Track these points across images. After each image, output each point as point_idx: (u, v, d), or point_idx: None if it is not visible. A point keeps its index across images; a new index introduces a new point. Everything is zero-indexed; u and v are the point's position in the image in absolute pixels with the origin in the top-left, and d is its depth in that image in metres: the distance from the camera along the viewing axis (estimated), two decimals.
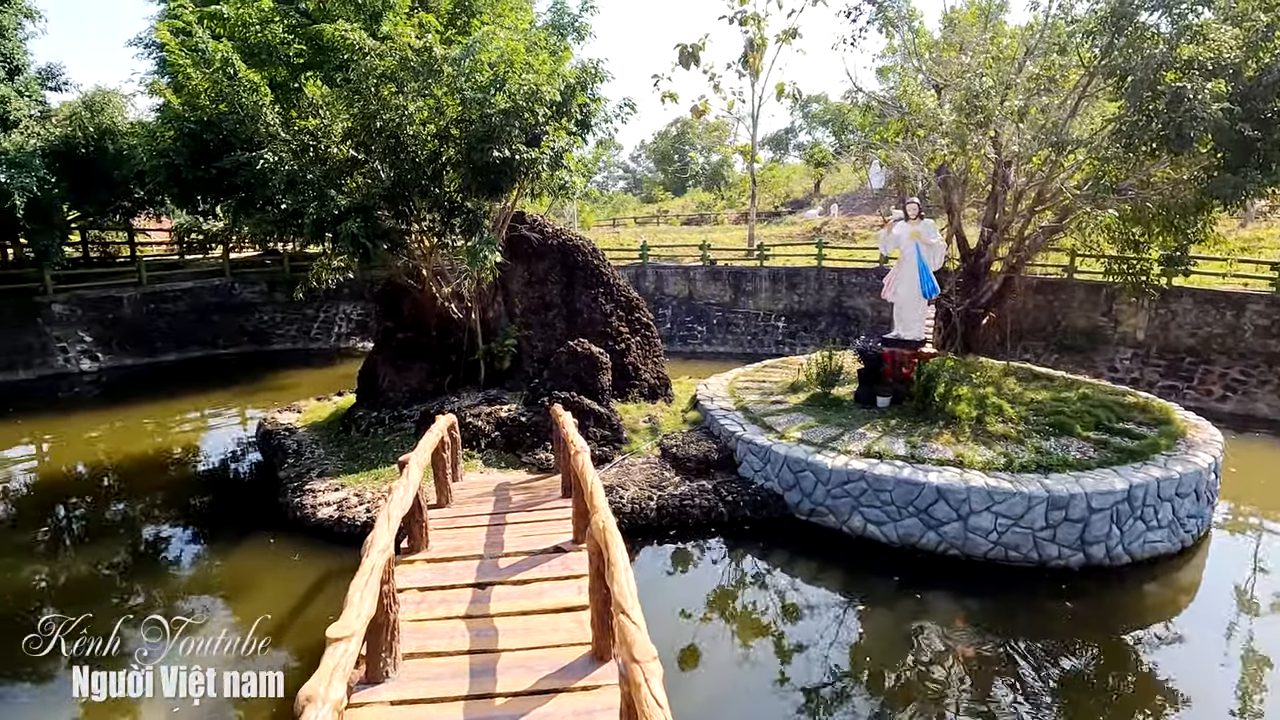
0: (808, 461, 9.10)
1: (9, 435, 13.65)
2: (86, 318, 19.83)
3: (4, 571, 8.07)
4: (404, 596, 5.00)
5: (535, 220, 12.25)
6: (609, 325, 12.33)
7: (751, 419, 10.84)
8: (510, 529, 6.41)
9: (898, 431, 9.80)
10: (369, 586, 3.61)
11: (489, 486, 8.35)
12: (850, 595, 7.58)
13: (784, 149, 66.09)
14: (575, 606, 4.90)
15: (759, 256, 23.17)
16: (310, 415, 13.25)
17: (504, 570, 5.47)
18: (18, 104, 16.89)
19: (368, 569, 3.73)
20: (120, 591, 7.73)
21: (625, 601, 3.41)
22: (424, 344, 12.12)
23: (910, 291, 11.01)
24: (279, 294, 23.58)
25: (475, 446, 10.45)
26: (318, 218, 8.43)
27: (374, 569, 3.75)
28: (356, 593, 3.51)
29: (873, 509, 8.59)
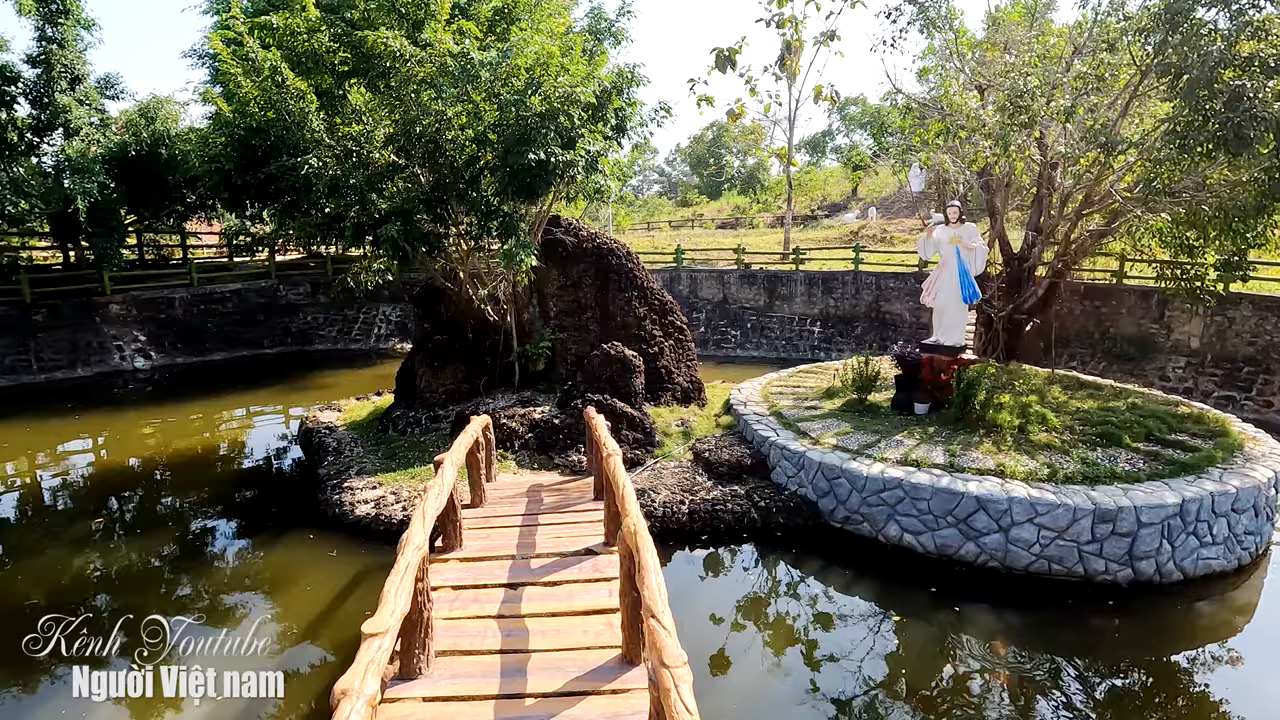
0: (842, 468, 8.97)
1: (69, 430, 14.27)
2: (141, 317, 20.63)
3: (58, 560, 8.42)
4: (438, 594, 5.07)
5: (570, 224, 12.34)
6: (642, 328, 12.34)
7: (785, 424, 10.73)
8: (542, 530, 6.45)
9: (936, 439, 9.59)
10: (404, 584, 3.67)
11: (522, 487, 8.42)
12: (885, 606, 7.43)
13: (821, 152, 65.43)
14: (606, 609, 4.91)
15: (795, 260, 22.95)
16: (350, 414, 13.55)
17: (536, 571, 5.51)
18: (79, 112, 17.69)
19: (403, 566, 3.79)
20: (164, 583, 8.01)
21: (655, 605, 3.40)
22: (460, 346, 12.30)
23: (950, 296, 10.79)
24: (322, 296, 24.23)
25: (509, 448, 10.56)
26: (359, 221, 8.63)
27: (409, 566, 3.81)
28: (392, 589, 3.57)
29: (909, 518, 8.42)
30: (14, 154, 17.32)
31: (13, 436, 13.71)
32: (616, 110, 9.48)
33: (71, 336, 19.19)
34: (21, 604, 7.35)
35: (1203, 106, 7.87)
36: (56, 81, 17.44)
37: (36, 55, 17.52)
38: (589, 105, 8.85)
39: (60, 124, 17.64)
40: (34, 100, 17.71)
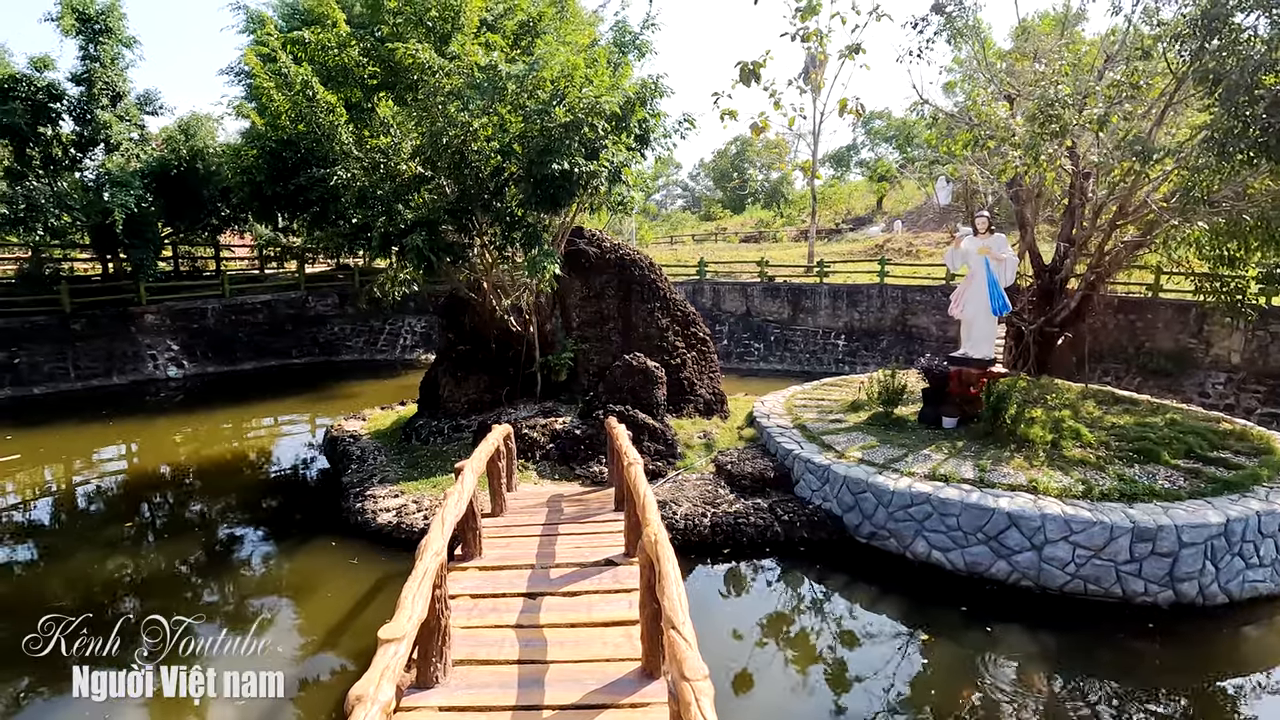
0: (868, 482, 8.79)
1: (104, 436, 14.59)
2: (174, 327, 21.12)
3: (87, 564, 8.56)
4: (456, 603, 5.03)
5: (593, 235, 12.38)
6: (665, 340, 12.29)
7: (810, 437, 10.57)
8: (562, 540, 6.39)
9: (965, 454, 9.37)
10: (421, 590, 3.63)
11: (542, 497, 8.38)
12: (913, 624, 7.22)
13: (845, 166, 65.12)
14: (625, 621, 4.82)
15: (819, 273, 22.78)
16: (374, 423, 13.66)
17: (555, 581, 5.44)
18: (119, 128, 18.27)
19: (420, 572, 3.76)
20: (185, 587, 8.09)
21: (676, 616, 3.32)
22: (483, 356, 12.36)
23: (979, 308, 10.58)
24: (349, 307, 24.64)
25: (530, 458, 10.54)
26: (385, 231, 8.74)
27: (426, 573, 3.77)
28: (409, 595, 3.53)
29: (938, 534, 8.20)
30: (58, 169, 17.92)
31: (50, 442, 14.05)
32: (640, 121, 9.51)
33: (108, 345, 19.69)
34: (48, 604, 7.46)
35: (1242, 113, 7.64)
36: (98, 98, 18.06)
37: (80, 74, 18.17)
38: (613, 116, 8.88)
39: (101, 139, 18.23)
40: (77, 117, 18.35)
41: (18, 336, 18.32)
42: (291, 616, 7.34)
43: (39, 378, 18.26)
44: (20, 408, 16.66)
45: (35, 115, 16.89)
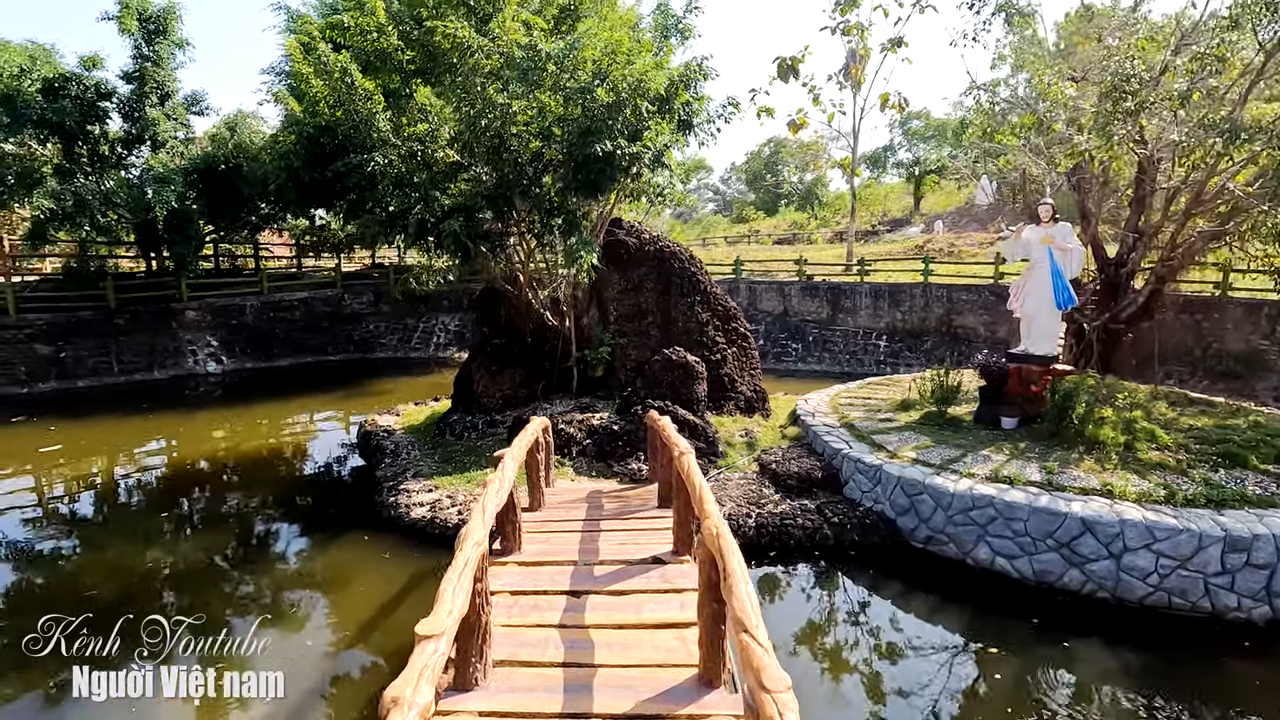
0: (925, 484, 8.27)
1: (143, 429, 14.70)
2: (214, 323, 21.37)
3: (119, 554, 8.47)
4: (495, 600, 4.70)
5: (632, 226, 12.05)
6: (705, 334, 11.89)
7: (859, 436, 10.06)
8: (605, 536, 6.03)
9: (1029, 455, 8.79)
10: (462, 582, 3.30)
11: (580, 493, 8.04)
12: (979, 638, 6.68)
13: (881, 167, 63.87)
14: (678, 623, 4.43)
15: (860, 271, 22.14)
16: (408, 418, 13.50)
17: (599, 579, 5.08)
18: (165, 126, 18.54)
19: (461, 563, 3.43)
20: (216, 580, 7.92)
21: (747, 619, 2.93)
22: (518, 350, 12.10)
23: (1041, 302, 9.97)
24: (384, 305, 24.73)
25: (566, 454, 10.23)
26: (422, 218, 8.52)
27: (468, 563, 3.44)
28: (449, 588, 3.20)
29: (1003, 540, 7.65)
30: (105, 166, 18.24)
31: (91, 434, 14.19)
32: (683, 105, 9.14)
33: (150, 341, 19.99)
34: (81, 596, 7.36)
35: None
36: (148, 96, 18.34)
37: (132, 72, 18.48)
38: (656, 98, 8.53)
39: (148, 137, 18.51)
40: (126, 115, 18.67)
41: (64, 331, 18.67)
42: (322, 612, 7.10)
43: (84, 371, 18.58)
44: (65, 400, 16.94)
45: (84, 113, 17.20)
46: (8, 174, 17.13)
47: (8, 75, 15.90)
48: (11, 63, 15.83)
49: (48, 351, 18.33)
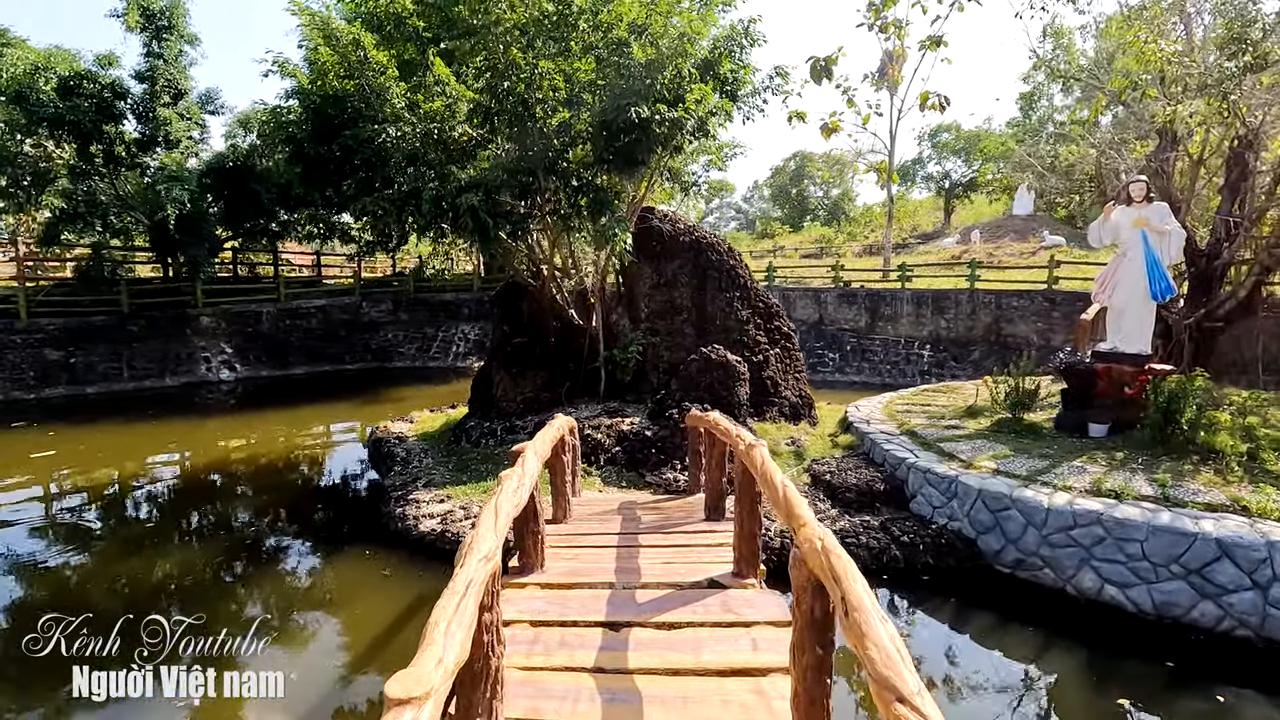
0: (1013, 497, 7.08)
1: (146, 435, 13.94)
2: (229, 330, 20.76)
3: (119, 562, 7.58)
4: (511, 632, 3.65)
5: (665, 213, 11.07)
6: (745, 334, 10.82)
7: (924, 444, 8.89)
8: (645, 554, 4.95)
9: (1131, 466, 7.56)
10: (461, 614, 2.25)
11: (611, 504, 6.98)
12: (1106, 686, 5.45)
13: (910, 180, 62.58)
14: (751, 669, 3.33)
15: (900, 278, 20.93)
16: (422, 425, 12.59)
17: (642, 607, 4.00)
18: (178, 126, 18.08)
19: (461, 586, 2.39)
20: (188, 597, 6.95)
21: (901, 681, 1.85)
22: (541, 351, 11.12)
23: (1133, 294, 8.76)
24: (403, 314, 24.04)
25: (594, 462, 9.20)
26: (436, 194, 7.63)
27: (471, 586, 2.40)
28: (441, 623, 2.16)
29: (1114, 564, 6.42)
30: (119, 167, 17.78)
31: (91, 440, 13.46)
32: (729, 73, 8.18)
33: (163, 347, 19.40)
34: (48, 603, 6.43)
35: None
36: (160, 95, 17.93)
37: (144, 71, 18.10)
38: (700, 62, 7.58)
39: (161, 137, 18.05)
40: (140, 115, 18.26)
41: (75, 336, 18.14)
42: (307, 644, 6.08)
43: (94, 377, 18.00)
44: (72, 406, 16.31)
45: (100, 113, 16.77)
46: (24, 175, 16.73)
47: (23, 72, 15.52)
48: (26, 60, 15.46)
49: (58, 357, 17.78)
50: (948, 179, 53.87)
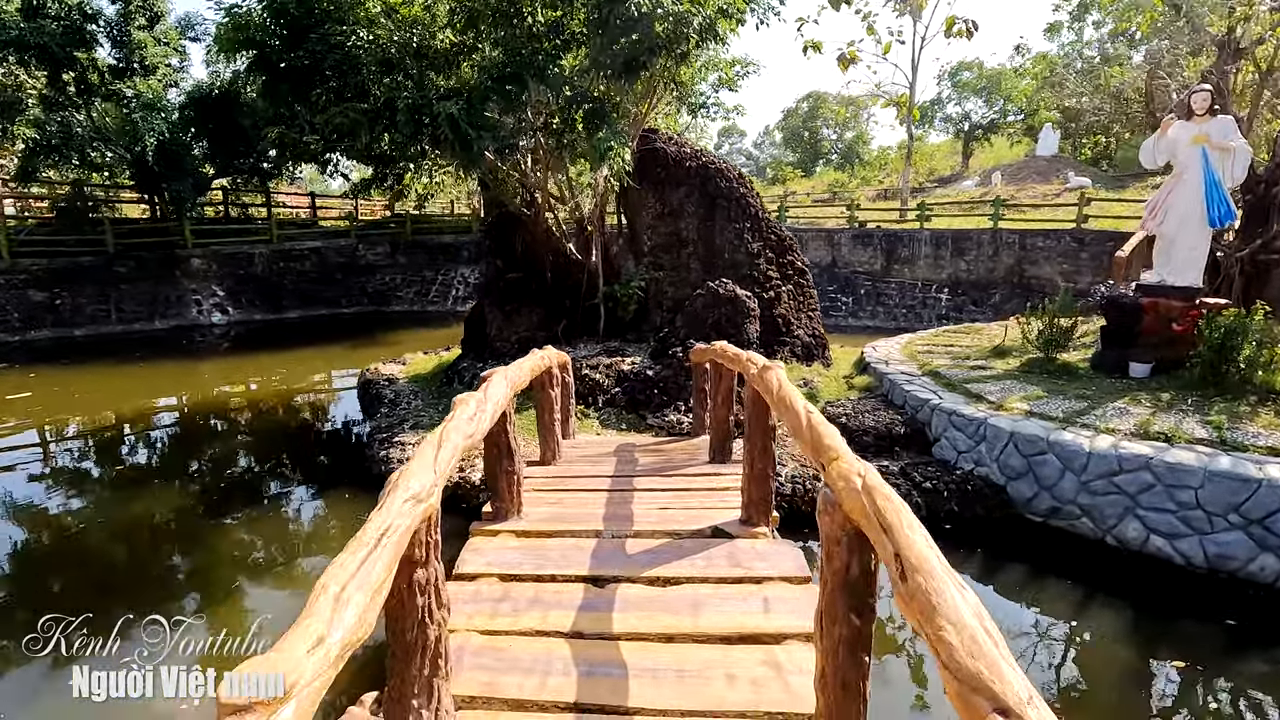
0: (1049, 441, 6.42)
1: (132, 379, 13.43)
2: (221, 273, 20.10)
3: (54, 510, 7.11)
4: (477, 587, 3.05)
5: (670, 135, 10.17)
6: (755, 268, 10.04)
7: (949, 385, 8.21)
8: (641, 499, 4.34)
9: (1179, 407, 6.87)
10: (366, 574, 1.61)
11: (607, 446, 6.37)
12: (1156, 647, 4.88)
13: (928, 122, 60.16)
14: (764, 635, 2.73)
15: (919, 217, 19.90)
16: (414, 367, 12.00)
17: (633, 560, 3.39)
18: (154, 50, 17.00)
19: (373, 535, 1.75)
20: (155, 545, 6.48)
21: (999, 681, 1.21)
22: (536, 287, 10.41)
23: (1187, 219, 7.89)
24: (401, 256, 23.28)
25: (591, 404, 8.60)
26: (413, 103, 6.80)
27: (387, 536, 1.76)
28: (332, 587, 1.53)
29: (1161, 514, 5.79)
30: (94, 95, 16.79)
31: (72, 382, 12.98)
32: None
33: (152, 289, 18.77)
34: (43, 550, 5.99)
35: None
36: (135, 18, 16.78)
37: None
38: None
39: (137, 62, 16.99)
40: (114, 40, 17.14)
41: (61, 277, 17.50)
42: (262, 595, 5.60)
43: (81, 320, 17.45)
44: (59, 349, 15.78)
45: (69, 37, 15.69)
46: None
47: None
48: None
49: (43, 298, 17.20)
50: (967, 120, 51.83)
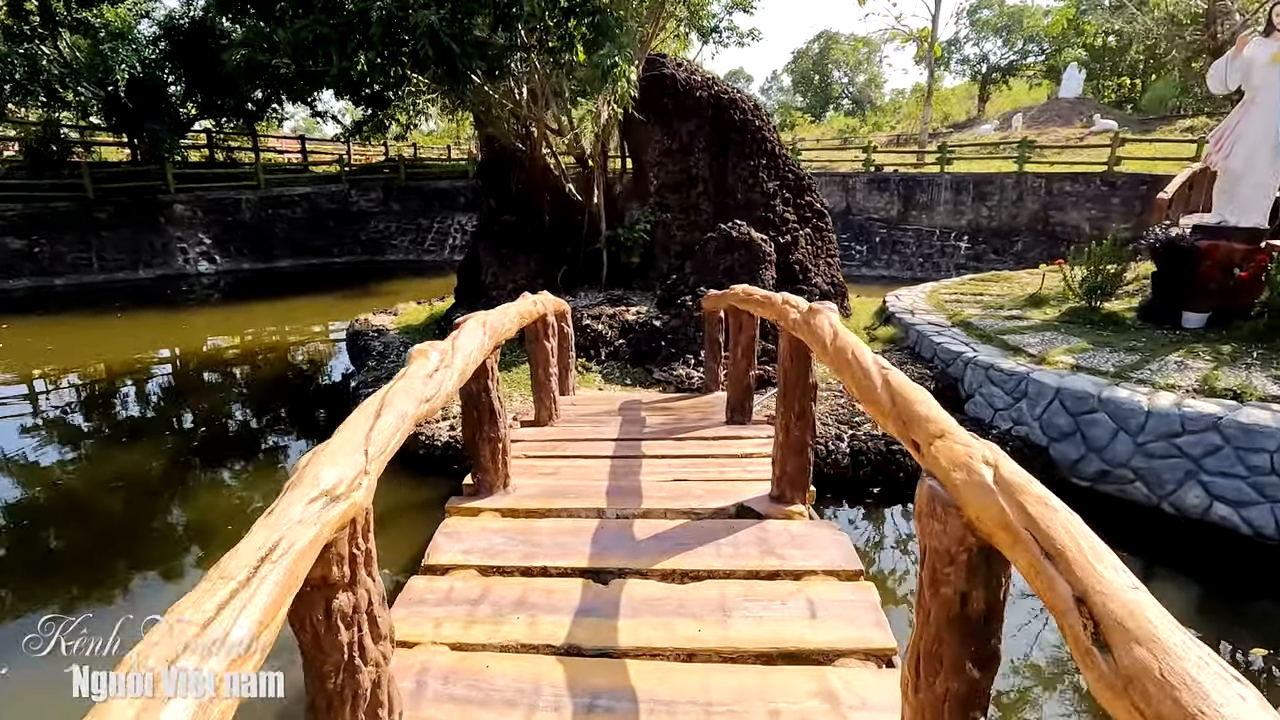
0: (1101, 398, 5.78)
1: (111, 331, 12.79)
2: (206, 220, 19.24)
3: (72, 459, 6.57)
4: (446, 585, 2.45)
5: (680, 61, 9.24)
6: (771, 209, 9.24)
7: (983, 337, 7.54)
8: (651, 468, 3.72)
9: (1244, 361, 6.20)
10: (236, 621, 1.03)
11: (611, 404, 5.75)
12: (1232, 629, 4.34)
13: (944, 64, 57.71)
14: (812, 653, 2.13)
15: (940, 160, 18.84)
16: (406, 318, 11.33)
17: (644, 546, 2.79)
18: None
19: (249, 557, 1.14)
20: (113, 505, 5.95)
21: None
22: (534, 230, 9.64)
23: (1258, 151, 7.07)
24: (395, 203, 22.34)
25: (593, 356, 7.96)
26: (389, 14, 5.96)
27: (272, 556, 1.15)
28: (153, 658, 0.92)
29: (1229, 479, 5.19)
30: (59, 27, 15.64)
31: (48, 333, 12.36)
32: None
33: (135, 237, 17.96)
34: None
35: None
36: None
37: None
38: None
39: None
40: None
41: (38, 223, 16.68)
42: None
43: (61, 268, 16.71)
44: (37, 299, 15.11)
45: None
46: None
47: None
48: None
49: (20, 246, 16.42)
50: (984, 62, 49.79)
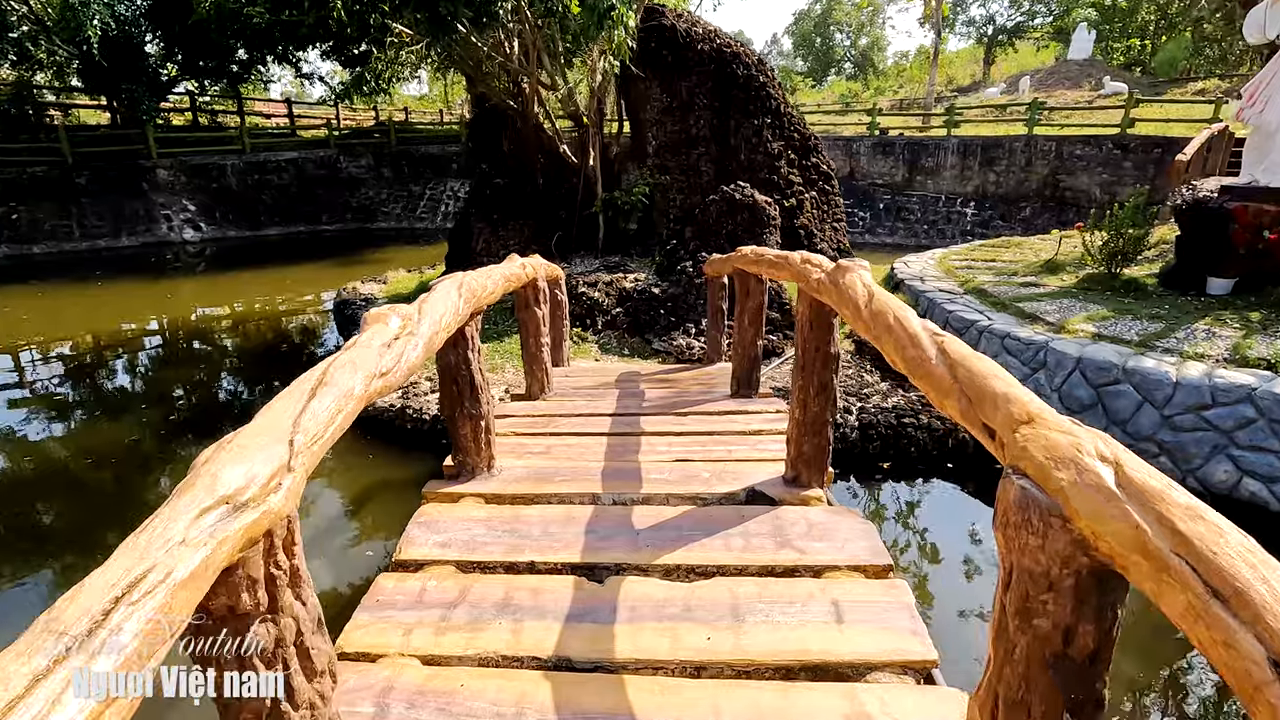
0: (1126, 369, 5.47)
1: (88, 300, 12.38)
2: (190, 186, 18.66)
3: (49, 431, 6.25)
4: (418, 585, 2.15)
5: (680, 11, 8.72)
6: (776, 171, 8.81)
7: (997, 305, 7.21)
8: (651, 445, 3.40)
9: (1276, 329, 5.89)
10: None
11: (607, 376, 5.41)
12: None
13: (949, 26, 56.29)
14: (841, 666, 1.83)
15: (947, 123, 18.26)
16: (395, 286, 10.95)
17: (644, 538, 2.48)
18: None
19: (93, 604, 0.82)
20: (87, 483, 5.65)
21: None
22: (527, 194, 9.22)
23: None
24: (386, 169, 21.72)
25: (589, 325, 7.61)
26: None
27: (129, 596, 0.85)
28: None
29: (1261, 454, 4.91)
30: None
31: (20, 303, 11.94)
32: None
33: (117, 203, 17.41)
34: None
35: None
36: None
37: None
38: None
39: None
40: None
41: (15, 189, 16.12)
42: None
43: (40, 236, 16.21)
44: (15, 268, 14.65)
45: None
46: None
47: None
48: None
49: None
50: (990, 24, 48.68)
